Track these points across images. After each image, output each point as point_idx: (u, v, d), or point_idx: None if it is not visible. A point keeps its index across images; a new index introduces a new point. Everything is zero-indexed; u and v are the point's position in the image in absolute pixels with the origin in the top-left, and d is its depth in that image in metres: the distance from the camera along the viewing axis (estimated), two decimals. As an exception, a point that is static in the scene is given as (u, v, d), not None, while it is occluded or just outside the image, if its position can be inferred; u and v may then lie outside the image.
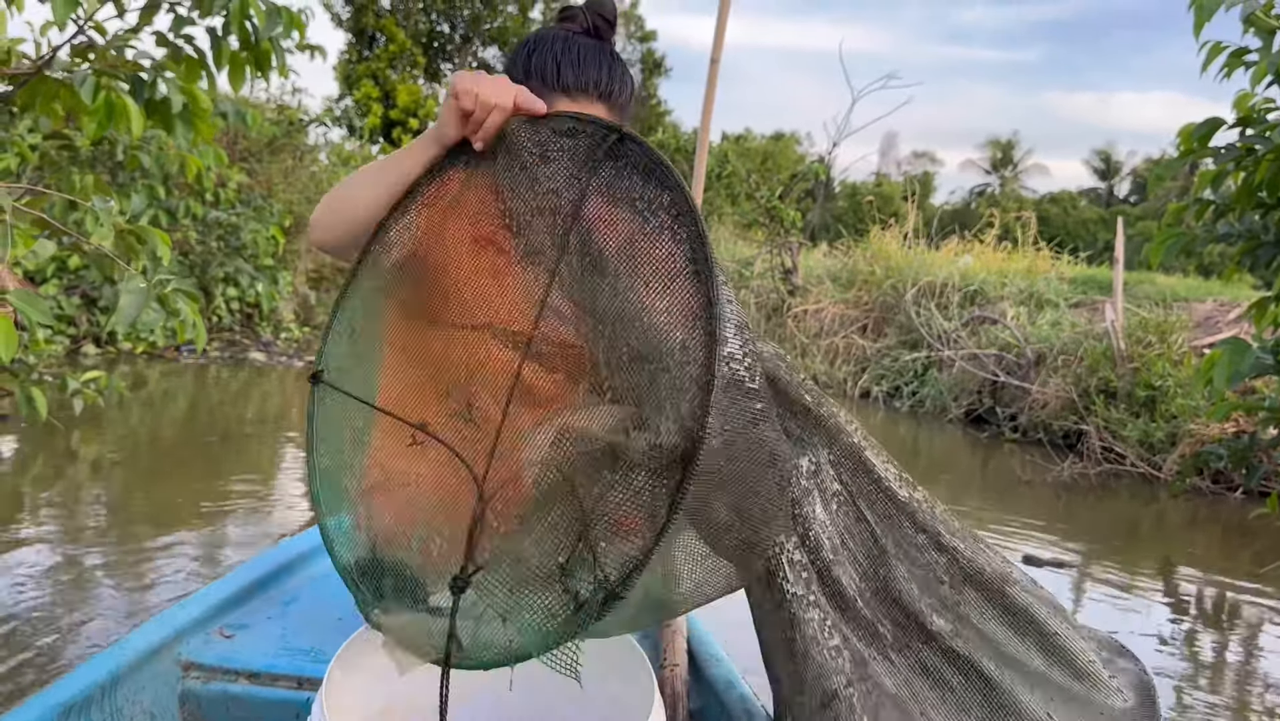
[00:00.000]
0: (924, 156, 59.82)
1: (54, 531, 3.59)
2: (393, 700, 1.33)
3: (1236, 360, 2.76)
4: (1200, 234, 3.36)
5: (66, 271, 7.73)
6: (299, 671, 1.64)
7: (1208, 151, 3.20)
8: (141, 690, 1.56)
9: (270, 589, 2.02)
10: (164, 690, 1.61)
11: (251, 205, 9.04)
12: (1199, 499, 6.19)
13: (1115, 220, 9.00)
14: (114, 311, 2.18)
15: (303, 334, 10.39)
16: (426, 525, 1.12)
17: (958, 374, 8.79)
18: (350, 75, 25.40)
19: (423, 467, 1.13)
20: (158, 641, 1.62)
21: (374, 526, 1.16)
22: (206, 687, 1.64)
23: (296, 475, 5.03)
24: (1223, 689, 3.21)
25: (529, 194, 1.07)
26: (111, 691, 1.49)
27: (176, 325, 2.39)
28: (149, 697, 1.57)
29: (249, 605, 1.92)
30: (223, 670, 1.65)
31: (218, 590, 1.87)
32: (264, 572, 2.03)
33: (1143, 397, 7.10)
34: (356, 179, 1.29)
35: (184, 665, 1.65)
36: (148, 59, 2.46)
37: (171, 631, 1.67)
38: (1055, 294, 10.06)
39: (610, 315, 0.97)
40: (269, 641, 1.75)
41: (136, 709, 1.54)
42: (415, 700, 1.34)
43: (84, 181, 2.65)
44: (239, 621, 1.83)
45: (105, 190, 2.65)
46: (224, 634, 1.76)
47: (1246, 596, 4.27)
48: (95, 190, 2.60)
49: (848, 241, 12.53)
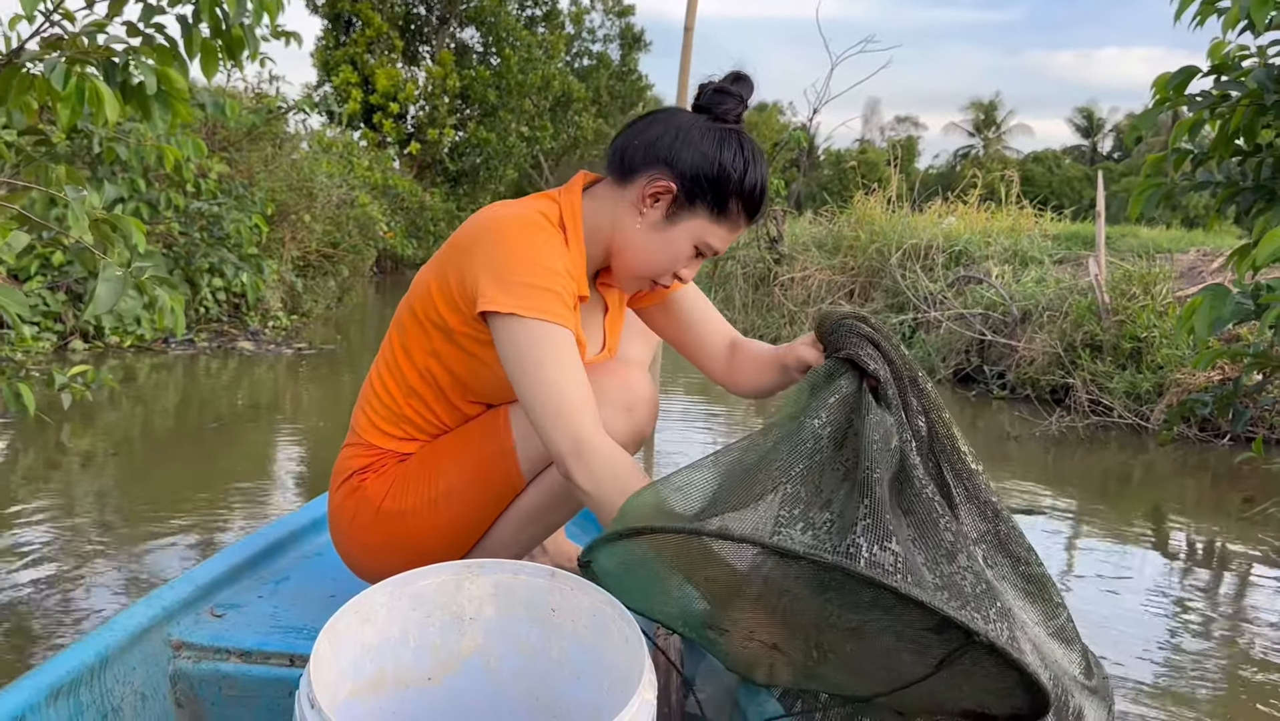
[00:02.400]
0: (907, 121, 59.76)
1: (45, 520, 3.61)
2: (382, 671, 1.35)
3: (1217, 306, 2.78)
4: (1179, 184, 3.37)
5: (50, 268, 7.71)
6: (290, 649, 1.65)
7: (1183, 100, 3.21)
8: (132, 670, 1.56)
9: (261, 568, 2.03)
10: (155, 670, 1.62)
11: (233, 195, 9.01)
12: (1187, 447, 6.24)
13: (1100, 177, 9.02)
14: (91, 299, 2.19)
15: (291, 322, 10.37)
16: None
17: (945, 334, 8.83)
18: (328, 61, 25.27)
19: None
20: (147, 621, 1.62)
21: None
22: (198, 667, 1.65)
23: (290, 461, 5.05)
24: (1214, 629, 3.26)
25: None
26: (101, 672, 1.49)
27: (156, 314, 2.40)
28: (140, 678, 1.58)
29: (239, 584, 1.93)
30: (214, 649, 1.66)
31: (207, 570, 1.88)
32: (254, 552, 2.03)
33: (1128, 349, 7.15)
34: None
35: (175, 645, 1.66)
36: (120, 43, 2.45)
37: (161, 611, 1.67)
38: (1039, 251, 10.09)
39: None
40: (260, 620, 1.76)
41: (127, 689, 1.54)
42: (403, 671, 1.37)
43: (57, 172, 2.65)
44: (229, 601, 1.84)
45: (78, 179, 2.65)
46: (214, 613, 1.77)
47: (1235, 539, 4.33)
48: (67, 179, 2.60)
49: (832, 208, 12.53)
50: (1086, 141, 55.54)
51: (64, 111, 2.31)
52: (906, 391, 1.42)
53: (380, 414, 1.76)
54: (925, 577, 1.21)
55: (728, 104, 1.64)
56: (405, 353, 1.72)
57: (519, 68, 26.66)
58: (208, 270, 8.92)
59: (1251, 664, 2.96)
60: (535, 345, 1.49)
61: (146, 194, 7.16)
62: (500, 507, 1.72)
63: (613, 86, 33.04)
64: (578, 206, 1.68)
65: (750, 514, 1.30)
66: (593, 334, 1.82)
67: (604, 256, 1.72)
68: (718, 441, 5.96)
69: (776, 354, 1.82)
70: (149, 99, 2.48)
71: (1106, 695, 1.39)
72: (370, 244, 13.68)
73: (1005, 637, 1.16)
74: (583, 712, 1.37)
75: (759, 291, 11.42)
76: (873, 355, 1.42)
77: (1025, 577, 1.42)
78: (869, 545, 1.20)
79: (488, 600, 1.39)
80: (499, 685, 1.42)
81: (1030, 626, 1.34)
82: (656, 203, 1.63)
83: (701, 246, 1.67)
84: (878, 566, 1.18)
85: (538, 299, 1.50)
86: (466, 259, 1.58)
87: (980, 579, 1.23)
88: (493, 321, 1.53)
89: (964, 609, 1.17)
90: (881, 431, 1.32)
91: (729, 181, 1.60)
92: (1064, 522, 4.50)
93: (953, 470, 1.41)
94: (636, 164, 1.64)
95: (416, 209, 22.00)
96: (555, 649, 1.39)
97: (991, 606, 1.20)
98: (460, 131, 26.43)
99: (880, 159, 28.20)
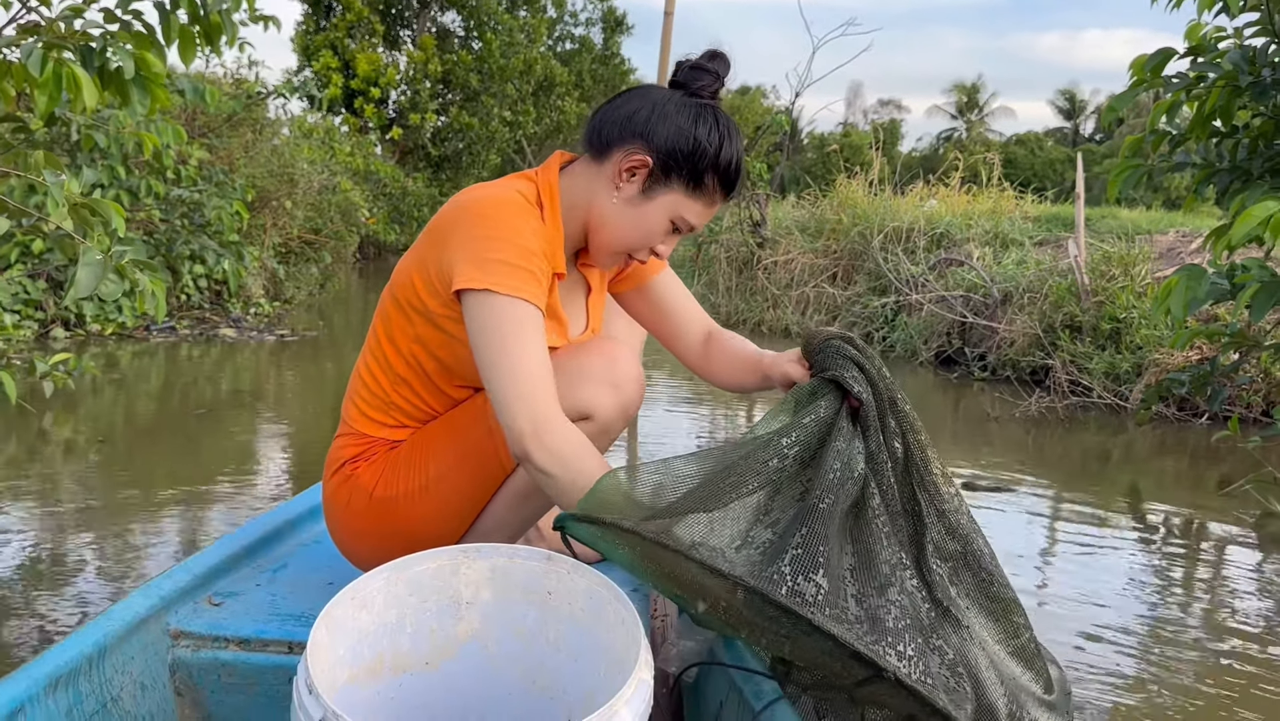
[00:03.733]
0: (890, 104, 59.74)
1: (32, 506, 3.60)
2: (380, 657, 1.36)
3: (1193, 286, 2.81)
4: (1157, 165, 3.40)
5: (31, 256, 7.66)
6: (289, 636, 1.65)
7: (1159, 82, 3.24)
8: (130, 660, 1.56)
9: (259, 556, 2.02)
10: (153, 659, 1.62)
11: (213, 181, 8.95)
12: (1166, 426, 6.30)
13: (1079, 159, 9.06)
14: (72, 284, 2.18)
15: (273, 309, 10.33)
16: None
17: (926, 317, 8.87)
18: (308, 46, 25.05)
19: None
20: (145, 611, 1.62)
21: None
22: (197, 655, 1.64)
23: (276, 448, 5.04)
24: (1193, 603, 3.31)
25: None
26: (100, 662, 1.49)
27: (137, 298, 2.39)
28: (138, 667, 1.57)
29: (237, 573, 1.93)
30: (212, 637, 1.65)
31: (205, 559, 1.88)
32: (252, 540, 2.03)
33: (1108, 330, 7.20)
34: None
35: (173, 634, 1.66)
36: (97, 28, 2.44)
37: (159, 601, 1.67)
38: (1020, 233, 10.13)
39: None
40: (258, 608, 1.75)
41: (126, 678, 1.54)
42: (401, 657, 1.38)
43: (35, 158, 2.64)
44: (228, 589, 1.83)
45: (57, 165, 2.64)
46: (213, 602, 1.77)
47: (1213, 515, 4.38)
48: (45, 165, 2.59)
49: (815, 192, 12.55)
50: (1069, 124, 55.68)
51: (41, 98, 2.30)
52: (886, 414, 1.46)
53: (369, 402, 1.77)
54: (850, 609, 1.27)
55: (704, 80, 1.65)
56: (390, 340, 1.72)
57: (501, 52, 26.52)
58: (189, 257, 8.86)
59: (1226, 632, 3.01)
60: (504, 321, 1.50)
61: (126, 181, 7.11)
62: (491, 489, 1.72)
63: (595, 70, 32.90)
64: (555, 184, 1.69)
65: (701, 520, 1.34)
66: (575, 314, 1.83)
67: (582, 234, 1.73)
68: (702, 429, 5.99)
69: (758, 360, 1.84)
70: (127, 84, 2.47)
71: (1066, 710, 1.45)
72: (352, 230, 13.61)
73: (917, 674, 1.22)
74: (580, 694, 1.38)
75: (742, 275, 11.44)
76: (856, 378, 1.45)
77: (990, 597, 1.48)
78: (794, 574, 1.26)
79: (484, 584, 1.40)
80: (496, 669, 1.43)
81: (990, 644, 1.42)
82: (632, 177, 1.64)
83: (678, 221, 1.68)
84: (798, 595, 1.24)
85: (513, 277, 1.51)
86: (444, 241, 1.59)
87: (906, 613, 1.28)
88: (466, 299, 1.54)
89: (877, 643, 1.23)
90: (843, 461, 1.37)
91: (704, 156, 1.62)
92: (1043, 501, 4.54)
93: (925, 492, 1.46)
94: (612, 139, 1.65)
95: (399, 195, 21.89)
96: (552, 631, 1.40)
97: (913, 641, 1.25)
98: (442, 116, 26.28)
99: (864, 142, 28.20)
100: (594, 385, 1.64)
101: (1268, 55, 3.03)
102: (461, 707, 1.43)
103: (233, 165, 10.18)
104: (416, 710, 1.40)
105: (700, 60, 1.68)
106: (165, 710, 1.62)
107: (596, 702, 1.11)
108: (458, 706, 1.43)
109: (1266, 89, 2.98)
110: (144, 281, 2.33)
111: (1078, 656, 2.77)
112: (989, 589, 1.46)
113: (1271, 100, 3.02)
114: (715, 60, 1.67)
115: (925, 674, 1.23)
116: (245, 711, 1.65)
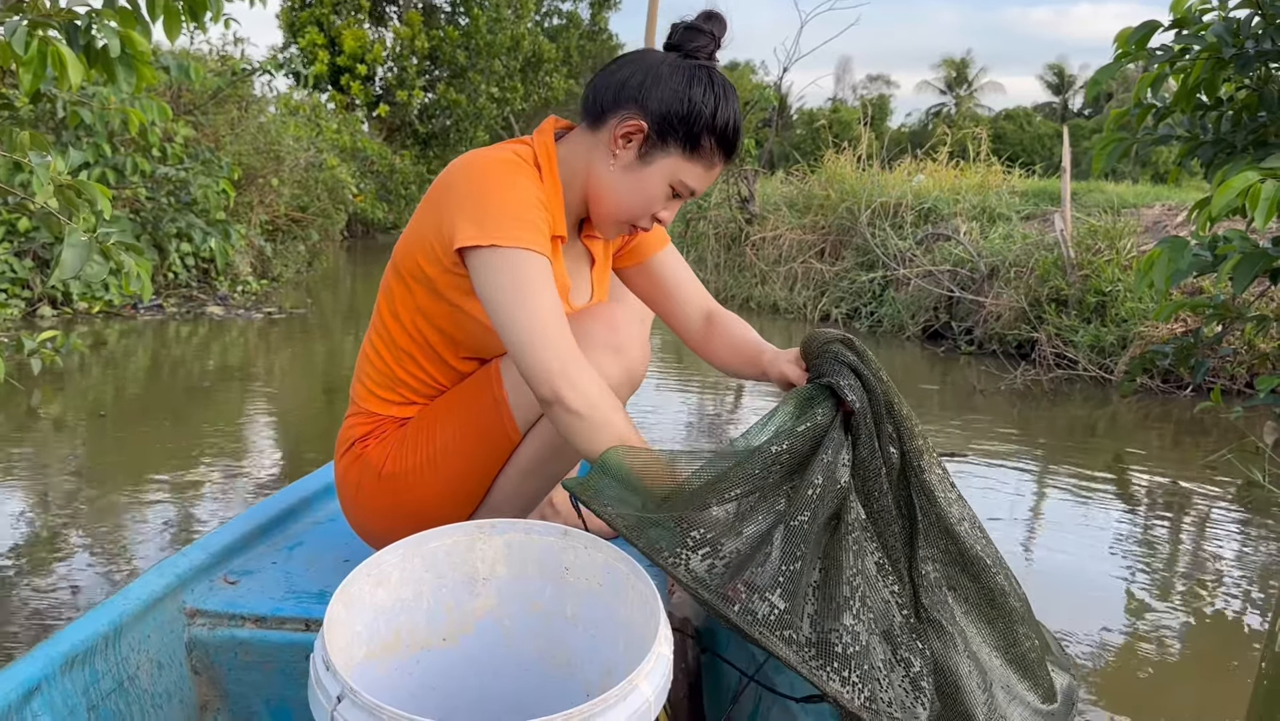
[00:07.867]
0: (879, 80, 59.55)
1: (25, 485, 3.62)
2: (397, 633, 1.35)
3: (1175, 258, 2.83)
4: (1142, 138, 3.42)
5: (17, 234, 7.63)
6: (306, 614, 1.64)
7: (1143, 55, 3.25)
8: (147, 638, 1.56)
9: (274, 534, 2.01)
10: (170, 638, 1.62)
11: (199, 159, 8.92)
12: (1150, 398, 6.35)
13: (1065, 133, 9.07)
14: (57, 264, 2.19)
15: (260, 287, 10.32)
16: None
17: (914, 291, 8.90)
18: (294, 23, 24.85)
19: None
20: (161, 589, 1.62)
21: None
22: (213, 634, 1.64)
23: (269, 425, 5.06)
24: (1176, 570, 3.36)
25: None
26: (116, 641, 1.49)
27: (123, 279, 2.40)
28: (155, 646, 1.57)
29: (253, 551, 1.92)
30: (229, 615, 1.65)
31: (219, 537, 1.87)
32: (267, 519, 2.02)
33: (1093, 303, 7.24)
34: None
35: (189, 612, 1.66)
36: (82, 5, 2.44)
37: (175, 579, 1.66)
38: (1007, 207, 10.15)
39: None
40: (274, 586, 1.75)
41: (143, 657, 1.54)
42: (418, 633, 1.38)
43: (21, 137, 2.63)
44: (243, 567, 1.83)
45: (42, 144, 2.64)
46: (228, 580, 1.76)
47: (1197, 485, 4.43)
48: (32, 145, 2.58)
49: (803, 167, 12.54)
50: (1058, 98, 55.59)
51: (26, 75, 2.30)
52: (883, 420, 1.45)
53: (376, 380, 1.76)
54: (804, 630, 1.27)
55: (699, 40, 1.63)
56: (393, 315, 1.71)
57: (488, 28, 26.33)
58: (175, 235, 8.84)
59: (1211, 597, 3.06)
60: (515, 272, 1.47)
61: (112, 159, 7.08)
62: (499, 462, 1.70)
63: (583, 46, 32.70)
64: (551, 147, 1.67)
65: (688, 518, 1.34)
66: (580, 286, 1.82)
67: (583, 204, 1.71)
68: (692, 408, 6.02)
69: (758, 354, 1.82)
70: (113, 62, 2.46)
71: (1065, 719, 1.44)
72: (340, 208, 13.57)
73: (860, 700, 1.24)
74: (598, 670, 1.37)
75: (731, 251, 11.45)
76: (853, 385, 1.44)
77: (992, 605, 1.46)
78: (750, 592, 1.27)
79: (500, 560, 1.39)
80: (513, 645, 1.42)
81: (983, 652, 1.40)
82: (629, 143, 1.62)
83: (677, 186, 1.66)
84: (750, 614, 1.25)
85: (517, 229, 1.49)
86: (441, 204, 1.58)
87: (861, 637, 1.29)
88: (471, 258, 1.52)
89: (823, 668, 1.25)
90: (827, 475, 1.36)
91: (700, 117, 1.59)
92: (1027, 472, 4.58)
93: (922, 497, 1.45)
94: (607, 106, 1.64)
95: (387, 172, 21.80)
96: (569, 607, 1.39)
97: (860, 666, 1.26)
98: (429, 93, 26.12)
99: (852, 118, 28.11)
100: (597, 351, 1.60)
101: (1251, 27, 3.04)
102: (478, 684, 1.42)
103: (219, 143, 10.13)
104: (434, 687, 1.39)
105: (696, 21, 1.65)
106: (182, 688, 1.61)
107: (615, 678, 1.10)
108: (475, 683, 1.42)
109: (1250, 61, 2.99)
110: (129, 263, 2.33)
111: (1063, 620, 2.82)
112: (991, 596, 1.44)
113: (1255, 72, 3.04)
114: (711, 21, 1.64)
115: (870, 700, 1.24)
116: (262, 689, 1.65)
